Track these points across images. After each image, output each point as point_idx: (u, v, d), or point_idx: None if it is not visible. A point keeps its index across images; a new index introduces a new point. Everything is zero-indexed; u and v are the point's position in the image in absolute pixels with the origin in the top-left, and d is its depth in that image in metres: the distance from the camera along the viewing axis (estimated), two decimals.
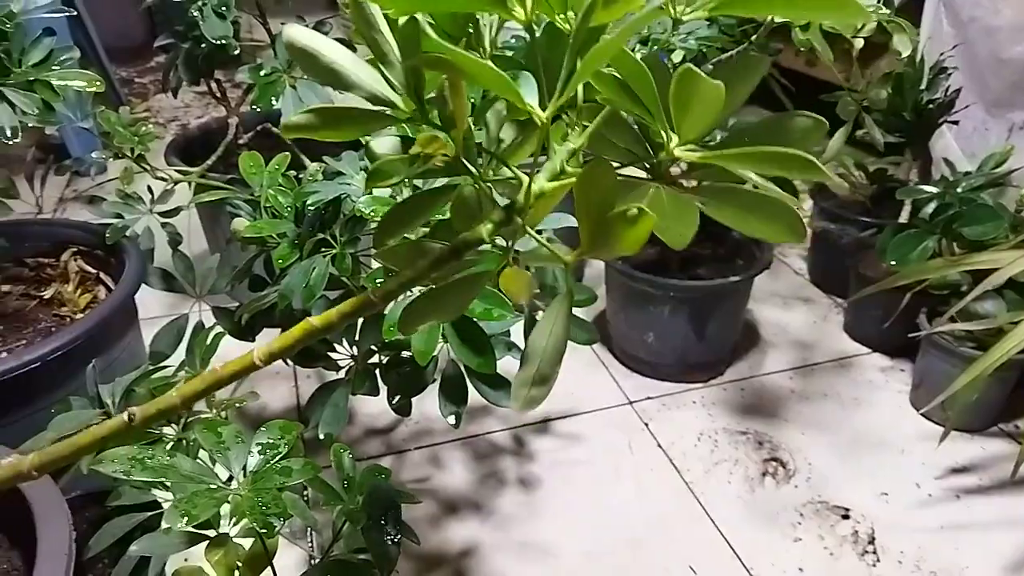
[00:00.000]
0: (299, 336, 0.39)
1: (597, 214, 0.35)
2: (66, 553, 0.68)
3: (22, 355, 0.93)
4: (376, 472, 0.68)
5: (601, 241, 0.36)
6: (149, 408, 0.40)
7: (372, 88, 0.36)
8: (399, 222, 0.46)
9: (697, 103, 0.30)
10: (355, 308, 0.39)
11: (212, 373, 0.40)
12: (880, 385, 1.49)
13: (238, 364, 0.40)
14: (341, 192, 0.92)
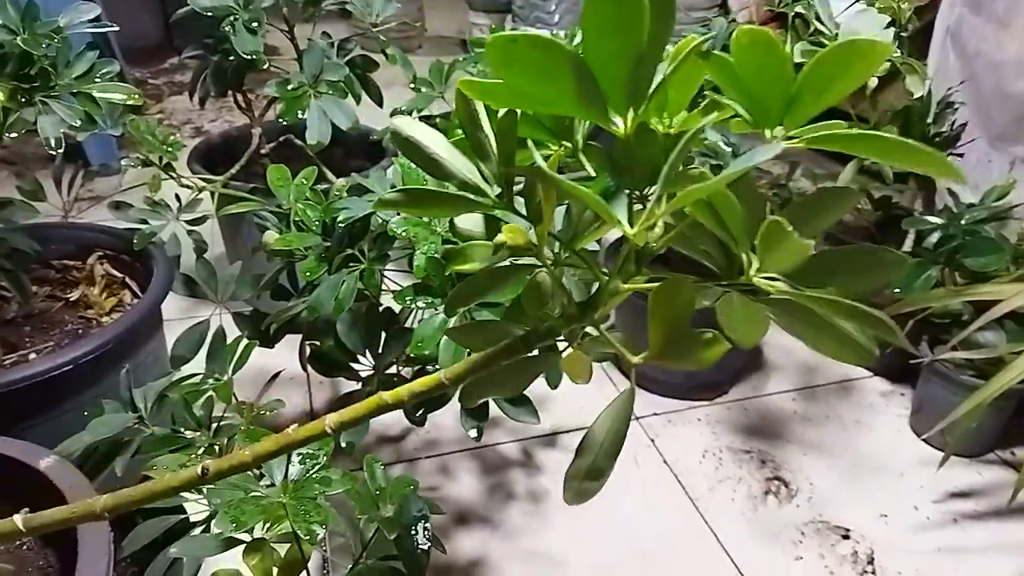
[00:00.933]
0: (370, 409, 0.42)
1: (671, 326, 0.37)
2: (106, 554, 0.71)
3: (56, 358, 0.96)
4: (406, 483, 0.71)
5: (672, 352, 0.38)
6: (222, 463, 0.42)
7: (466, 178, 0.39)
8: (472, 294, 0.49)
9: (782, 250, 0.33)
10: (426, 388, 0.42)
11: (285, 436, 0.43)
12: (881, 409, 1.52)
13: (310, 431, 0.42)
14: (371, 210, 0.95)
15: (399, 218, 0.85)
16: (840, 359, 0.39)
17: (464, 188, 0.39)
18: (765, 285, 0.36)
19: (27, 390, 0.95)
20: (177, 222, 1.24)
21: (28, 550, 0.80)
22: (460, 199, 0.39)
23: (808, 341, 0.39)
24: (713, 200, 0.35)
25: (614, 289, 0.40)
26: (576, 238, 0.45)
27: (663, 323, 0.38)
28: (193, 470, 0.36)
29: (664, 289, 0.36)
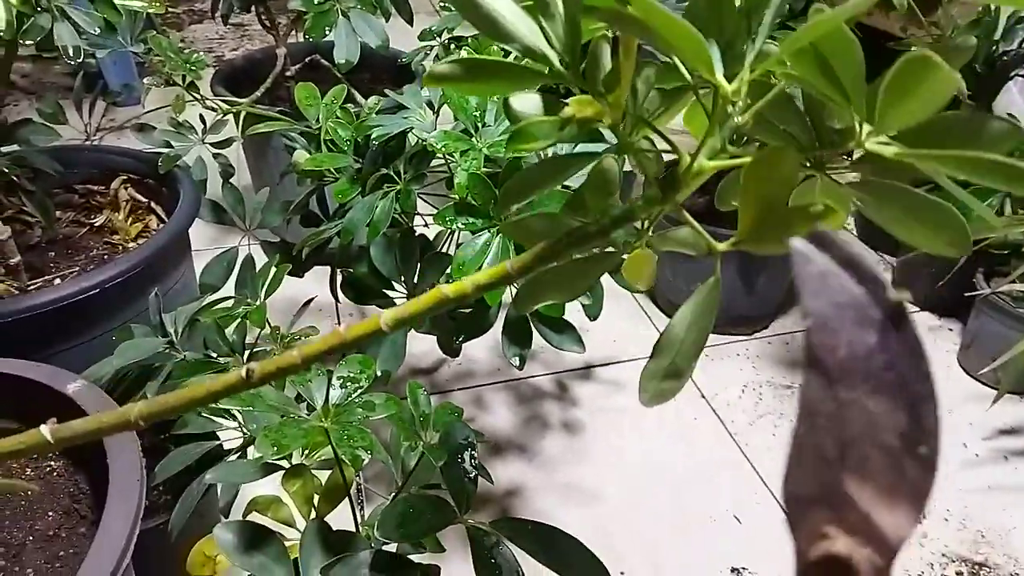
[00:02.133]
0: (431, 303, 0.37)
1: (767, 204, 0.33)
2: (138, 479, 0.68)
3: (81, 281, 0.93)
4: (450, 411, 0.68)
5: (766, 233, 0.33)
6: (268, 365, 0.38)
7: (529, 42, 0.33)
8: (526, 187, 0.43)
9: (919, 93, 0.27)
10: (491, 280, 0.37)
11: (335, 335, 0.38)
12: (928, 344, 1.45)
13: (364, 328, 0.38)
14: (406, 126, 0.90)
15: (438, 132, 0.80)
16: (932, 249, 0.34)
17: (528, 55, 0.34)
18: (882, 149, 0.31)
19: (53, 315, 0.92)
20: (202, 145, 1.20)
21: (58, 476, 0.78)
22: (523, 70, 0.34)
23: (898, 227, 0.34)
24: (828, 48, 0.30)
25: (699, 167, 0.35)
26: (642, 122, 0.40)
27: (758, 200, 0.33)
28: (237, 373, 0.32)
29: (765, 160, 0.31)
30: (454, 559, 0.80)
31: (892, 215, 0.35)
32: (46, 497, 0.78)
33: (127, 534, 0.63)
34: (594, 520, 1.12)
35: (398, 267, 0.96)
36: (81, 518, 0.77)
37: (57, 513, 0.76)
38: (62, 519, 0.75)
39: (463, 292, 0.38)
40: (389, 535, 0.55)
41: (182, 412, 0.37)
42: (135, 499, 0.66)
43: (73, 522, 0.76)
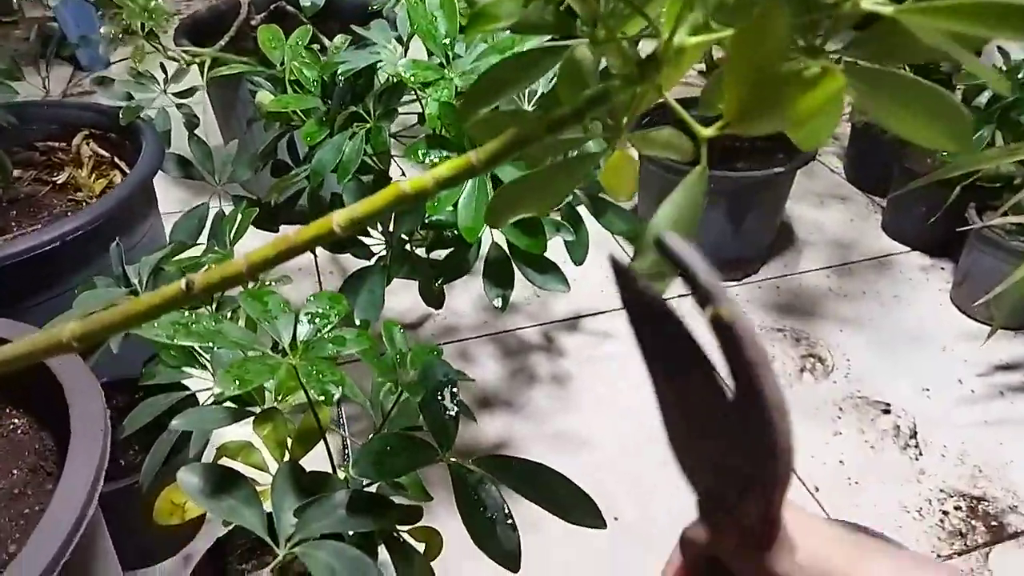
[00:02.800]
0: (388, 200, 0.33)
1: (757, 74, 0.29)
2: (102, 429, 0.65)
3: (42, 235, 0.89)
4: (429, 349, 0.64)
5: (756, 109, 0.29)
6: (212, 275, 0.34)
7: None
8: (492, 89, 0.39)
9: None
10: (453, 172, 0.33)
11: (284, 239, 0.34)
12: (920, 283, 1.44)
13: (315, 230, 0.34)
14: (374, 60, 0.85)
15: (407, 60, 0.76)
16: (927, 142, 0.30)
17: None
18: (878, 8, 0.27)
19: (15, 269, 0.88)
20: (165, 95, 1.14)
21: (23, 433, 0.74)
22: None
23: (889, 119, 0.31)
24: None
25: (681, 44, 0.31)
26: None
27: (747, 72, 0.29)
28: (177, 285, 0.28)
29: (752, 27, 0.27)
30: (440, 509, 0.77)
31: (888, 105, 0.32)
32: (10, 455, 0.74)
33: (89, 485, 0.60)
34: (584, 468, 1.10)
35: None
36: (47, 475, 0.73)
37: (22, 471, 0.73)
38: (28, 476, 0.72)
39: (423, 187, 0.34)
40: (366, 473, 0.52)
41: (120, 330, 0.33)
42: (98, 451, 0.63)
43: (39, 479, 0.72)
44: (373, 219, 0.35)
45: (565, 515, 0.57)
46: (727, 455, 0.22)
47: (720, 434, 0.22)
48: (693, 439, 0.24)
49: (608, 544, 1.00)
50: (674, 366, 0.23)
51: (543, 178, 0.38)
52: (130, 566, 0.93)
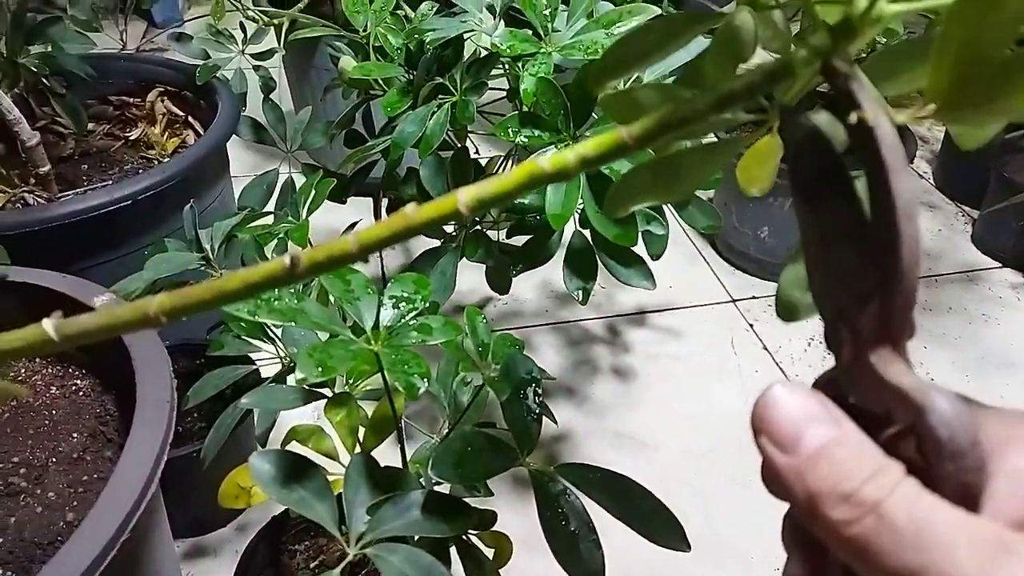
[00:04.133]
0: (522, 179, 0.28)
1: (980, 53, 0.24)
2: (168, 400, 0.63)
3: (113, 192, 0.87)
4: (511, 342, 0.60)
5: (974, 94, 0.24)
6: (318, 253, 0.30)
7: None
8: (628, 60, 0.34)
9: None
10: (602, 151, 0.29)
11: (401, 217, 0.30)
12: (1011, 302, 1.36)
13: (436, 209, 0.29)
14: (465, 30, 0.81)
15: (503, 31, 0.71)
16: None
17: None
18: None
19: (83, 225, 0.86)
20: (242, 56, 1.12)
21: (84, 396, 0.73)
22: None
23: None
24: None
25: (880, 11, 0.26)
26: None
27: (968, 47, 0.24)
28: (280, 261, 0.24)
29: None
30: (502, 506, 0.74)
31: None
32: (72, 417, 0.72)
33: (153, 460, 0.58)
34: (647, 470, 1.05)
35: (449, 190, 0.88)
36: (108, 441, 0.71)
37: (82, 435, 0.71)
38: (87, 441, 0.70)
39: (564, 166, 0.29)
40: (445, 475, 0.48)
41: (212, 307, 0.29)
42: (164, 423, 0.60)
43: (99, 445, 0.71)
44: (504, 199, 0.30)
45: (651, 535, 0.53)
46: (856, 267, 0.22)
47: (852, 248, 0.23)
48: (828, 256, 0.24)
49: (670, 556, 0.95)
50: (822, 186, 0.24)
51: (678, 164, 0.33)
52: (181, 535, 0.92)
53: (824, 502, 0.20)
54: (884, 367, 0.22)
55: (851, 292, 0.23)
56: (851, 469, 0.20)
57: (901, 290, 0.21)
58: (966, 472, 0.20)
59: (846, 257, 0.23)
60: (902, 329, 0.22)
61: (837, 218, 0.24)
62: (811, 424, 0.22)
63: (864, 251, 0.22)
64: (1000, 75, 0.24)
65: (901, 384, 0.22)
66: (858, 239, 0.23)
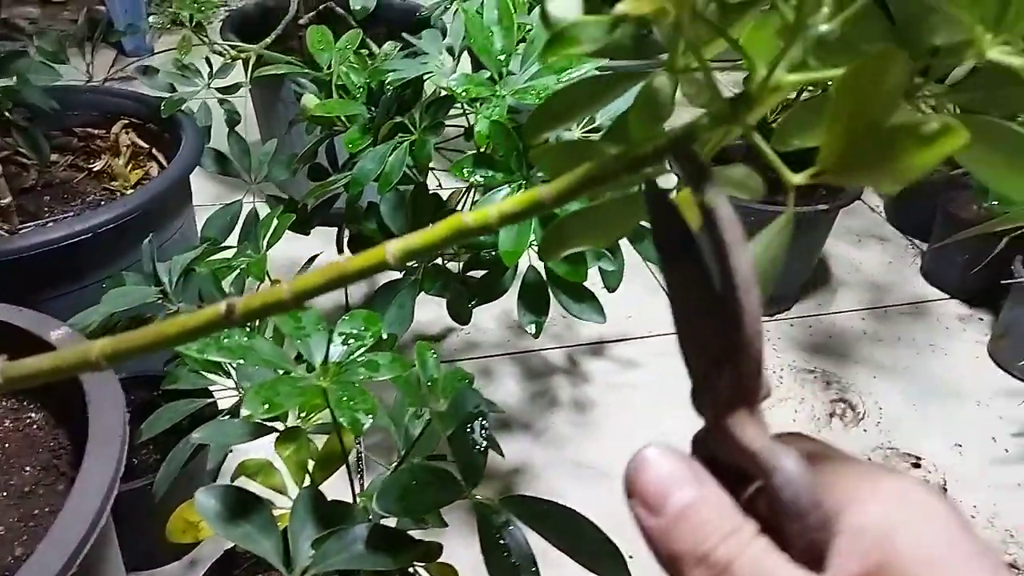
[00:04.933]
0: (446, 233, 0.31)
1: (865, 123, 0.26)
2: (120, 435, 0.63)
3: (73, 224, 0.88)
4: (460, 376, 0.62)
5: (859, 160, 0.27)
6: (253, 301, 0.32)
7: None
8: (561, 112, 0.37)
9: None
10: (520, 208, 0.31)
11: (335, 267, 0.32)
12: (957, 333, 1.40)
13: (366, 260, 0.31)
14: (424, 71, 0.83)
15: (459, 75, 0.74)
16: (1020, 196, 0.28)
17: None
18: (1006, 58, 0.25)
19: (44, 258, 0.87)
20: (208, 90, 1.14)
21: (38, 429, 0.73)
22: None
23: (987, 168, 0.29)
24: None
25: (777, 81, 0.29)
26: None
27: (851, 120, 0.26)
28: (216, 308, 0.26)
29: (867, 66, 0.25)
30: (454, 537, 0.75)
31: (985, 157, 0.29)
32: (25, 450, 0.73)
33: (103, 494, 0.58)
34: (603, 500, 1.06)
35: (409, 225, 0.90)
36: (60, 474, 0.72)
37: (35, 468, 0.71)
38: (40, 475, 0.71)
39: (485, 221, 0.31)
40: (390, 508, 0.50)
41: (152, 351, 0.31)
42: (115, 458, 0.61)
43: (52, 478, 0.71)
44: (429, 251, 0.33)
45: (594, 568, 0.54)
46: (710, 333, 0.24)
47: (707, 316, 0.24)
48: (688, 323, 0.26)
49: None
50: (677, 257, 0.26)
51: (606, 213, 0.36)
52: (134, 568, 0.91)
53: (684, 564, 0.21)
54: (739, 430, 0.24)
55: (708, 357, 0.25)
56: (709, 530, 0.21)
57: (748, 357, 0.23)
58: (811, 531, 0.21)
59: (702, 324, 0.25)
60: (755, 392, 0.24)
61: (693, 287, 0.25)
62: (677, 486, 0.23)
63: (716, 319, 0.24)
64: (884, 143, 0.27)
65: (752, 447, 0.23)
66: (710, 308, 0.24)
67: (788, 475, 0.21)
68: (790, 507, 0.21)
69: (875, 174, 0.28)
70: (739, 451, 0.23)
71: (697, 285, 0.25)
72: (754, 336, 0.22)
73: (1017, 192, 0.29)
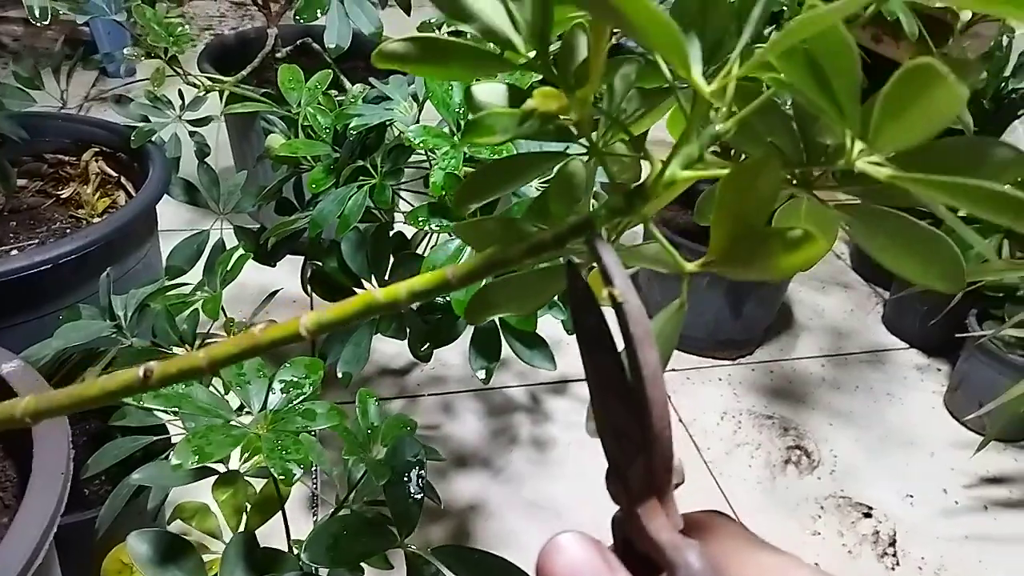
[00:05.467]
0: (358, 308, 0.32)
1: (743, 223, 0.29)
2: (63, 472, 0.64)
3: (33, 255, 0.88)
4: (402, 424, 0.63)
5: (739, 257, 0.29)
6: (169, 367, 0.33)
7: (491, 22, 0.29)
8: (486, 186, 0.39)
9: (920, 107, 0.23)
10: (428, 287, 0.33)
11: (249, 337, 0.33)
12: (915, 383, 1.43)
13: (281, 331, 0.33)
14: (387, 118, 0.85)
15: (417, 127, 0.76)
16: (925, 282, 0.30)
17: (489, 37, 0.29)
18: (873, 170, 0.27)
19: (4, 288, 0.87)
20: (180, 122, 1.15)
21: None
22: (483, 54, 0.29)
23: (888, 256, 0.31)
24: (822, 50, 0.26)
25: (671, 176, 0.31)
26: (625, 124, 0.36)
27: (732, 219, 0.28)
28: (134, 372, 0.28)
29: (743, 173, 0.27)
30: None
31: (882, 243, 0.32)
32: None
33: (43, 529, 0.59)
34: None
35: (369, 265, 0.92)
36: (5, 507, 0.72)
37: None
38: None
39: (395, 298, 0.33)
40: (317, 558, 0.51)
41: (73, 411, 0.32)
42: (56, 493, 0.62)
43: None
44: (341, 324, 0.34)
45: None
46: (624, 421, 0.25)
47: (620, 404, 0.25)
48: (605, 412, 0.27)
49: None
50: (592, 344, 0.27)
51: (524, 283, 0.37)
52: None
53: None
54: (648, 520, 0.25)
55: (621, 445, 0.26)
56: None
57: (658, 449, 0.24)
58: None
59: (616, 409, 0.26)
60: (665, 482, 0.25)
61: (607, 372, 0.26)
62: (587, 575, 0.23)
63: (627, 406, 0.25)
64: (759, 243, 0.29)
65: (659, 539, 0.24)
66: (622, 394, 0.25)
67: (689, 571, 0.22)
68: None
69: (754, 270, 0.30)
70: (647, 541, 0.24)
71: (612, 373, 0.25)
72: (663, 429, 0.23)
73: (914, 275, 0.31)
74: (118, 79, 2.18)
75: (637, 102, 0.39)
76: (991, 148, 0.27)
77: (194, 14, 2.82)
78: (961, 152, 0.28)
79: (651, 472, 0.25)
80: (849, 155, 0.28)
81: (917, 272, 0.32)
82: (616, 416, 0.26)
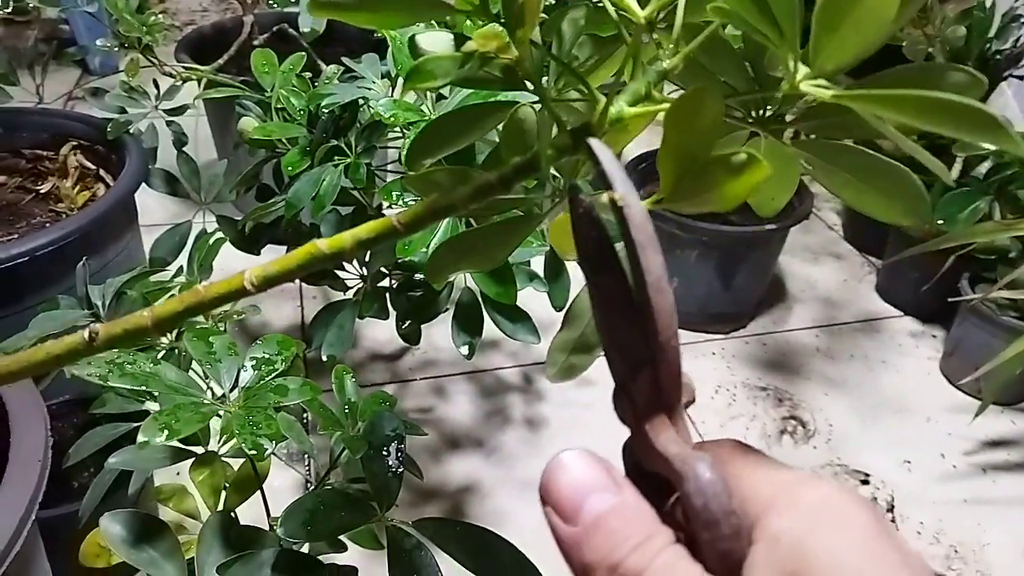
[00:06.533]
0: (302, 260, 0.31)
1: (689, 156, 0.28)
2: (39, 460, 0.63)
3: (10, 248, 0.87)
4: (380, 399, 0.62)
5: (688, 190, 0.28)
6: (114, 328, 0.32)
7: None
8: (437, 141, 0.38)
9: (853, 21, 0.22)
10: (373, 234, 0.32)
11: (193, 293, 0.32)
12: (910, 350, 1.42)
13: (225, 286, 0.32)
14: (359, 96, 0.84)
15: (387, 100, 0.74)
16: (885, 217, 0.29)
17: None
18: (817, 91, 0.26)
19: None
20: (156, 112, 1.14)
21: None
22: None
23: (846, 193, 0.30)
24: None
25: (618, 113, 0.30)
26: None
27: (678, 152, 0.28)
28: (79, 335, 0.27)
29: (684, 103, 0.26)
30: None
31: (843, 179, 0.31)
32: None
33: (18, 520, 0.58)
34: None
35: None
36: None
37: None
38: None
39: (340, 247, 0.32)
40: (293, 533, 0.50)
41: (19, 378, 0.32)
42: (33, 484, 0.61)
43: None
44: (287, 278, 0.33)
45: None
46: (629, 338, 0.24)
47: (625, 320, 0.24)
48: (610, 331, 0.26)
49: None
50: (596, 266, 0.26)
51: (483, 237, 0.37)
52: None
53: (596, 574, 0.20)
54: (656, 435, 0.24)
55: (627, 362, 0.25)
56: (622, 539, 0.20)
57: (665, 361, 0.23)
58: (723, 540, 0.20)
59: (621, 328, 0.25)
60: (674, 397, 0.24)
61: (611, 291, 0.25)
62: (592, 493, 0.22)
63: (633, 323, 0.24)
64: (704, 175, 0.28)
65: (667, 452, 0.23)
66: (628, 312, 0.24)
67: (699, 483, 0.21)
68: (700, 515, 0.21)
69: (701, 202, 0.29)
70: (656, 457, 0.23)
71: (617, 294, 0.25)
72: (669, 338, 0.22)
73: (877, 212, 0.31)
74: (101, 76, 2.16)
75: (590, 49, 0.38)
76: (945, 72, 0.26)
77: (177, 9, 2.80)
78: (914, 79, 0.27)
79: (658, 385, 0.24)
80: (793, 78, 0.27)
81: (880, 208, 0.31)
82: (620, 333, 0.25)
